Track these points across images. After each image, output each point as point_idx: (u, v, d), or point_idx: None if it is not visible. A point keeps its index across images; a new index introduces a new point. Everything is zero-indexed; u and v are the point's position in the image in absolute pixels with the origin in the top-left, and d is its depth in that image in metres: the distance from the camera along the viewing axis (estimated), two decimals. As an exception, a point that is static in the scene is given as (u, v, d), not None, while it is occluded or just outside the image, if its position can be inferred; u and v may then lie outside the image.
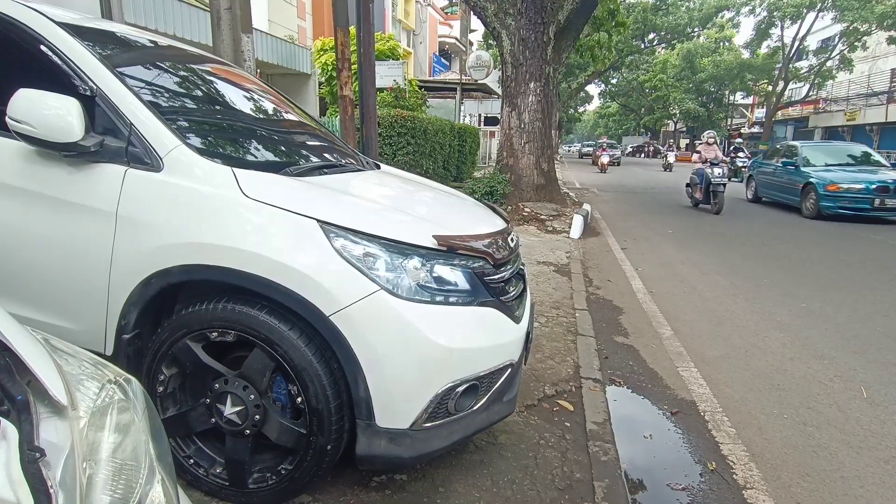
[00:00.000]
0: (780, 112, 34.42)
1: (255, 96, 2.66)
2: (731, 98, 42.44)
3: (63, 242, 1.75)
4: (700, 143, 11.58)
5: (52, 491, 0.65)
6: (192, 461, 1.83)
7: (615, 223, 9.31)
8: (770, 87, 34.38)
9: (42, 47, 1.80)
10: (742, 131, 42.86)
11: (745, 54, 36.72)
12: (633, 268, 5.99)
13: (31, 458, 0.67)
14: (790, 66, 31.63)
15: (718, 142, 14.73)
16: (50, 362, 0.80)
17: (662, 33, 36.24)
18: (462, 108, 18.73)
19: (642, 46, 37.54)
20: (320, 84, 13.82)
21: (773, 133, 35.72)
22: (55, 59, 1.79)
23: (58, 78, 1.77)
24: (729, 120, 44.06)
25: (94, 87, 1.76)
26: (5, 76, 1.92)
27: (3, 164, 1.78)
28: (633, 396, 3.00)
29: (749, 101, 44.02)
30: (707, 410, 2.82)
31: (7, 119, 1.62)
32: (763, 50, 34.93)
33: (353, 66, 6.13)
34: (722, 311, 4.46)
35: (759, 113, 41.40)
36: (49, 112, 1.61)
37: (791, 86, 33.62)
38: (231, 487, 1.80)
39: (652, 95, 42.69)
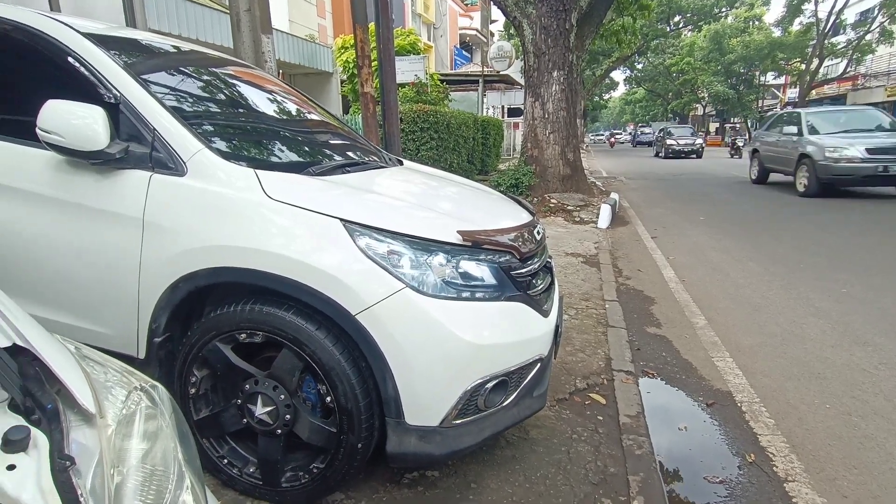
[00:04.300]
0: (814, 91, 33.12)
1: (277, 97, 2.68)
2: (762, 79, 41.05)
3: (94, 249, 1.78)
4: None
5: (82, 500, 0.65)
6: (225, 461, 1.85)
7: (644, 211, 9.12)
8: (803, 66, 33.08)
9: (69, 58, 1.84)
10: (774, 113, 41.48)
11: (777, 33, 35.44)
12: (663, 256, 5.85)
13: (62, 467, 0.67)
14: (825, 42, 30.34)
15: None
16: (78, 371, 0.80)
17: (688, 15, 35.28)
18: (485, 100, 18.60)
19: (668, 29, 36.65)
20: (342, 82, 13.90)
21: (808, 113, 34.42)
22: (81, 68, 1.82)
23: (84, 87, 1.80)
24: (760, 101, 42.66)
25: (118, 94, 1.78)
26: (34, 87, 1.96)
27: (35, 175, 1.82)
28: (667, 388, 2.93)
29: (781, 80, 42.53)
30: (744, 401, 2.73)
31: (37, 130, 1.65)
32: (795, 27, 33.65)
33: (373, 63, 6.13)
34: (757, 298, 4.33)
35: (792, 93, 39.94)
36: (77, 122, 1.64)
37: (826, 63, 32.28)
38: (265, 486, 1.82)
39: (679, 79, 41.64)
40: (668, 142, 25.31)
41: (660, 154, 26.40)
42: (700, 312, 4.04)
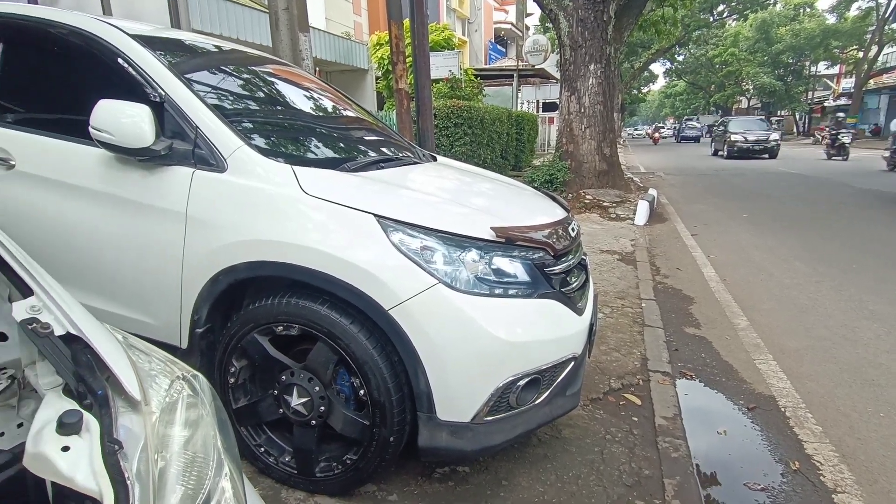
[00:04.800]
0: (871, 80, 31.39)
1: (314, 94, 2.72)
2: (813, 69, 39.20)
3: (140, 243, 1.86)
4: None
5: (129, 482, 0.68)
6: (262, 450, 1.90)
7: (683, 208, 8.87)
8: (860, 54, 31.40)
9: (118, 59, 1.92)
10: (825, 104, 39.57)
11: (830, 19, 33.78)
12: (704, 255, 5.69)
13: (111, 451, 0.70)
14: (886, 27, 28.65)
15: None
16: (126, 359, 0.84)
17: (733, 4, 34.00)
18: (519, 95, 18.41)
19: (711, 19, 35.39)
20: (377, 79, 13.99)
21: (864, 104, 32.67)
22: (129, 68, 1.90)
23: (131, 86, 1.88)
24: (810, 93, 40.76)
25: (163, 93, 1.85)
26: (87, 87, 2.05)
27: (88, 171, 1.91)
28: (706, 390, 2.85)
29: (834, 70, 40.53)
30: (788, 406, 2.64)
31: (90, 128, 1.73)
32: (852, 12, 31.98)
33: (408, 59, 6.15)
34: (804, 300, 4.16)
35: (847, 83, 37.98)
36: (126, 120, 1.71)
37: (886, 50, 30.54)
38: (299, 475, 1.86)
39: (723, 71, 40.22)
40: (733, 137, 19.80)
41: (720, 152, 21.23)
42: (742, 313, 3.91)
